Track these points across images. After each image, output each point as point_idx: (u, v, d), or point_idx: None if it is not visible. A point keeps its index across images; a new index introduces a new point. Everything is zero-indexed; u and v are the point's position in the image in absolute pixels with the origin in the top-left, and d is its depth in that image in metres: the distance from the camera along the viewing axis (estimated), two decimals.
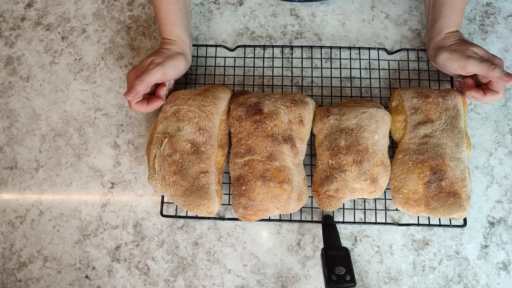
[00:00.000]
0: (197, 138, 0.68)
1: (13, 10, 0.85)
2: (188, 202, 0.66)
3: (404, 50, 0.79)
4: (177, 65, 0.70)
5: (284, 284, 0.71)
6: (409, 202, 0.66)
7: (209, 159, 0.68)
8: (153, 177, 0.68)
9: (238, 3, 0.84)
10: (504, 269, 0.70)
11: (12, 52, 0.83)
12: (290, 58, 0.80)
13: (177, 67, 0.70)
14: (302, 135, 0.69)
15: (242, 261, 0.72)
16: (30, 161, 0.78)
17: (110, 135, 0.78)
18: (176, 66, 0.69)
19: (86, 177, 0.77)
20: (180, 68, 0.71)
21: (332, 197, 0.67)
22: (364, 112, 0.68)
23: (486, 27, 0.80)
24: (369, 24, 0.82)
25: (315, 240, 0.72)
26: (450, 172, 0.65)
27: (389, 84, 0.78)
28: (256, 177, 0.65)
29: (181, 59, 0.71)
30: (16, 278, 0.73)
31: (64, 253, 0.74)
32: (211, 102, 0.70)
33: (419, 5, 0.82)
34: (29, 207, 0.76)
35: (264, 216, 0.67)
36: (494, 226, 0.72)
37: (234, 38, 0.82)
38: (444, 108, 0.68)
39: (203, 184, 0.66)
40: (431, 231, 0.72)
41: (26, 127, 0.79)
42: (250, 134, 0.67)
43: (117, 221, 0.75)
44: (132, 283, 0.72)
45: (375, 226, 0.72)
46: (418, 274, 0.70)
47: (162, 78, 0.68)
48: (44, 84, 0.81)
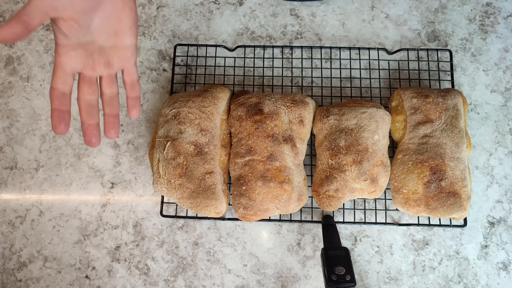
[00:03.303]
0: (200, 139, 0.68)
1: (13, 10, 0.85)
2: (196, 203, 0.66)
3: (404, 50, 0.79)
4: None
5: (284, 284, 0.71)
6: (409, 202, 0.66)
7: (213, 159, 0.68)
8: (158, 181, 0.67)
9: (238, 3, 0.84)
10: (504, 269, 0.70)
11: (12, 52, 0.83)
12: (290, 58, 0.80)
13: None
14: (302, 135, 0.69)
15: (242, 261, 0.72)
16: (30, 161, 0.78)
17: None
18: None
19: (86, 177, 0.77)
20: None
21: (332, 197, 0.67)
22: (364, 112, 0.68)
23: (486, 27, 0.80)
24: (369, 24, 0.82)
25: (315, 240, 0.72)
26: (450, 172, 0.65)
27: (389, 84, 0.78)
28: (257, 177, 0.65)
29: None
30: (16, 278, 0.73)
31: (64, 253, 0.74)
32: (211, 103, 0.70)
33: (419, 5, 0.82)
34: (29, 207, 0.76)
35: (264, 216, 0.67)
36: (494, 226, 0.72)
37: (234, 38, 0.82)
38: (444, 108, 0.68)
39: (209, 184, 0.66)
40: (431, 231, 0.72)
41: (26, 127, 0.79)
42: (250, 134, 0.67)
43: (117, 221, 0.75)
44: (132, 283, 0.72)
45: (375, 226, 0.72)
46: (418, 274, 0.71)
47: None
48: (44, 84, 0.81)
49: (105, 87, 0.48)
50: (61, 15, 0.41)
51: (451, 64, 0.77)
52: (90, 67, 0.46)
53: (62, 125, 0.45)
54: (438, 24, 0.81)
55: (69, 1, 0.40)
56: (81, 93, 0.47)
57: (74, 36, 0.43)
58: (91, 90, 0.47)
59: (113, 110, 0.49)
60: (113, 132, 0.49)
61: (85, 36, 0.44)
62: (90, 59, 0.45)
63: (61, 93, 0.44)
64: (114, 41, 0.46)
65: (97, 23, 0.44)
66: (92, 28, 0.44)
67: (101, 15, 0.44)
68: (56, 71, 0.44)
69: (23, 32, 0.39)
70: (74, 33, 0.43)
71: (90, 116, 0.47)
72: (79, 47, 0.44)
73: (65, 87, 0.44)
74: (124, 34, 0.46)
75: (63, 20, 0.42)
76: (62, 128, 0.45)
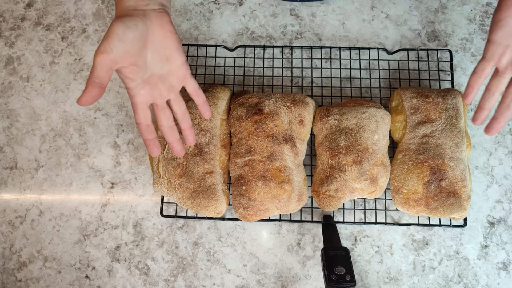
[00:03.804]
0: (200, 139, 0.68)
1: (13, 10, 0.85)
2: (196, 203, 0.66)
3: (404, 50, 0.79)
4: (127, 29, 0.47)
5: (284, 284, 0.71)
6: (409, 202, 0.66)
7: (213, 159, 0.68)
8: (158, 181, 0.68)
9: (238, 3, 0.84)
10: (504, 269, 0.70)
11: (12, 52, 0.83)
12: (290, 58, 0.80)
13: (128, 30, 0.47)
14: (302, 135, 0.69)
15: (242, 261, 0.72)
16: (30, 161, 0.78)
17: (110, 135, 0.78)
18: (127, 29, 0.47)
19: (86, 177, 0.77)
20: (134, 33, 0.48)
21: (332, 197, 0.67)
22: (364, 112, 0.68)
23: (486, 27, 0.80)
24: (369, 24, 0.82)
25: (315, 240, 0.72)
26: (450, 172, 0.65)
27: (389, 84, 0.78)
28: (257, 177, 0.65)
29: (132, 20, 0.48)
30: (16, 278, 0.73)
31: (64, 253, 0.74)
32: (211, 103, 0.70)
33: (419, 5, 0.82)
34: (29, 207, 0.76)
35: (264, 216, 0.67)
36: (494, 226, 0.72)
37: (234, 38, 0.82)
38: (444, 108, 0.68)
39: (209, 184, 0.66)
40: (431, 231, 0.72)
41: (26, 127, 0.79)
42: (250, 134, 0.67)
43: (117, 221, 0.75)
44: (132, 283, 0.72)
45: (375, 226, 0.72)
46: (418, 274, 0.71)
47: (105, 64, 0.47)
48: (44, 84, 0.81)
49: (176, 108, 0.56)
50: (122, 64, 0.48)
51: (451, 64, 0.77)
52: (159, 97, 0.53)
53: (155, 149, 0.55)
54: (438, 24, 0.81)
55: (124, 51, 0.47)
56: (160, 120, 0.55)
57: (137, 77, 0.50)
58: (166, 115, 0.55)
59: (187, 124, 0.58)
60: (192, 139, 0.60)
61: (145, 72, 0.51)
62: (156, 89, 0.53)
63: (145, 125, 0.53)
64: (168, 67, 0.53)
65: (150, 58, 0.51)
66: (148, 64, 0.51)
67: (151, 50, 0.50)
68: (136, 109, 0.52)
69: (100, 93, 0.47)
70: (137, 75, 0.50)
71: (172, 136, 0.57)
72: (144, 84, 0.51)
73: (147, 120, 0.53)
74: (174, 56, 0.52)
75: (125, 68, 0.49)
76: (156, 151, 0.55)
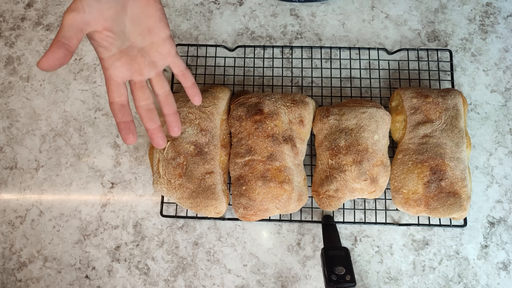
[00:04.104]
0: (200, 139, 0.68)
1: (13, 10, 0.85)
2: (196, 203, 0.66)
3: (404, 50, 0.79)
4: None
5: (284, 284, 0.71)
6: (409, 202, 0.66)
7: (213, 159, 0.68)
8: (158, 181, 0.68)
9: (238, 3, 0.84)
10: (504, 269, 0.70)
11: (12, 52, 0.83)
12: (290, 58, 0.80)
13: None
14: (302, 135, 0.69)
15: (242, 261, 0.72)
16: (30, 161, 0.78)
17: (110, 135, 0.78)
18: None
19: (86, 177, 0.77)
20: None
21: (332, 197, 0.67)
22: (364, 112, 0.68)
23: (486, 27, 0.80)
24: (369, 24, 0.82)
25: (315, 240, 0.72)
26: (450, 172, 0.65)
27: (389, 84, 0.78)
28: (257, 177, 0.65)
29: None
30: (16, 278, 0.73)
31: (64, 253, 0.74)
32: (211, 103, 0.70)
33: (419, 5, 0.82)
34: (29, 207, 0.76)
35: (264, 216, 0.67)
36: (494, 226, 0.72)
37: (234, 38, 0.82)
38: (443, 108, 0.68)
39: (209, 184, 0.66)
40: (431, 231, 0.72)
41: (26, 127, 0.79)
42: (250, 134, 0.67)
43: (117, 221, 0.75)
44: (132, 283, 0.72)
45: (375, 226, 0.72)
46: (418, 274, 0.71)
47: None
48: (44, 84, 0.81)
49: (157, 88, 0.50)
50: (95, 27, 0.42)
51: (451, 64, 0.77)
52: (138, 72, 0.47)
53: (130, 136, 0.47)
54: (438, 24, 0.81)
55: (98, 11, 0.41)
56: (137, 101, 0.48)
57: (113, 46, 0.44)
58: (145, 95, 0.48)
59: (171, 108, 0.51)
60: (176, 129, 0.51)
61: (123, 42, 0.45)
62: (135, 63, 0.47)
63: (120, 105, 0.46)
64: (150, 39, 0.47)
65: (129, 26, 0.45)
66: (126, 33, 0.45)
67: (130, 17, 0.45)
68: (109, 85, 0.46)
69: (66, 55, 0.40)
70: (112, 43, 0.44)
71: (152, 121, 0.49)
72: (121, 55, 0.45)
73: (122, 99, 0.46)
74: (157, 28, 0.47)
75: (99, 33, 0.43)
76: (131, 139, 0.47)
